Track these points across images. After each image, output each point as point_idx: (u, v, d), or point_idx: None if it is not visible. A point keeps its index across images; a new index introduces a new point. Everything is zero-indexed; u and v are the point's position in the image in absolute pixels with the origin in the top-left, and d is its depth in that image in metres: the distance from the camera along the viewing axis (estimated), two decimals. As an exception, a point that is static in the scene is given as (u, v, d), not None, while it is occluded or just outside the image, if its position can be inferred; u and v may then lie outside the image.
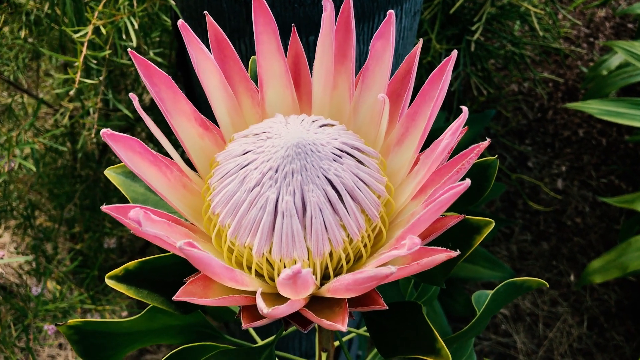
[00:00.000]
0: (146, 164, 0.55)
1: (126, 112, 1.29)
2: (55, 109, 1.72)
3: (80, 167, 1.99)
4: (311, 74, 0.63)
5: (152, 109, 1.83)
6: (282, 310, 0.48)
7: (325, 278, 0.57)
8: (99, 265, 1.83)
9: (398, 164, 0.60)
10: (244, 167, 0.55)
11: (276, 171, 0.53)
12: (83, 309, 1.66)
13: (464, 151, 0.53)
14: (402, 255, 0.46)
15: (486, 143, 0.51)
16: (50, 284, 1.75)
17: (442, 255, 0.48)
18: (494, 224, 0.59)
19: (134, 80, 1.78)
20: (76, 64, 1.17)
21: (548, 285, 0.73)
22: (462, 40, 2.44)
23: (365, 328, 0.89)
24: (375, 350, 1.00)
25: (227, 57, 0.61)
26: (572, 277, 2.87)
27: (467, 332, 0.74)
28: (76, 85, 1.13)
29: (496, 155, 0.76)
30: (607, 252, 2.31)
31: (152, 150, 0.56)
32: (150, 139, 1.97)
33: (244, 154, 0.56)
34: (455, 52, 0.52)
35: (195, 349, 0.69)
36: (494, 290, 0.73)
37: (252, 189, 0.53)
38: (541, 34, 2.55)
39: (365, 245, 0.56)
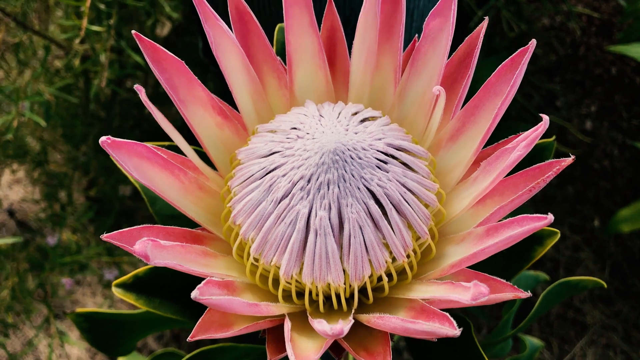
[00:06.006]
0: (156, 169, 0.47)
1: (137, 59, 1.19)
2: (66, 49, 1.61)
3: (94, 108, 1.90)
4: (349, 51, 0.53)
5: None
6: (316, 356, 0.41)
7: (362, 292, 0.50)
8: (115, 213, 1.78)
9: (451, 163, 0.51)
10: (270, 172, 0.46)
11: (309, 181, 0.44)
12: (100, 261, 1.63)
13: (539, 165, 0.43)
14: (462, 301, 0.38)
15: (570, 160, 0.42)
16: (65, 234, 1.71)
17: (508, 294, 0.40)
18: (559, 235, 0.50)
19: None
20: (82, 8, 1.06)
21: (605, 285, 0.65)
22: (496, -28, 2.27)
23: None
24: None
25: (250, 32, 0.51)
26: (596, 222, 2.79)
27: (512, 334, 0.67)
28: (82, 33, 1.03)
29: (553, 137, 0.67)
30: (637, 201, 2.22)
31: (162, 153, 0.47)
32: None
33: (270, 154, 0.47)
34: (533, 42, 0.42)
35: (213, 352, 0.62)
36: (546, 291, 0.65)
37: (280, 201, 0.45)
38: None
39: (410, 263, 0.48)
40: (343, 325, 0.38)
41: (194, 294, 0.38)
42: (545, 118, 0.39)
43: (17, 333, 1.99)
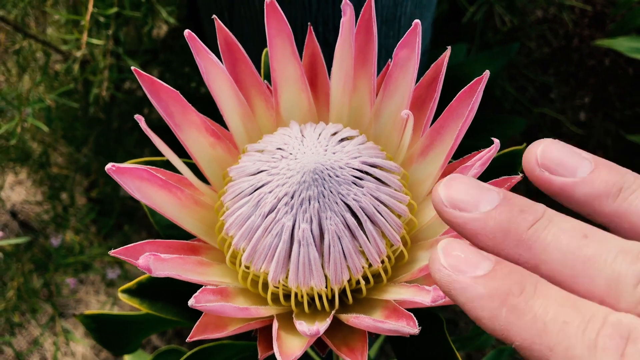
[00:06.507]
0: (155, 189, 0.52)
1: (135, 65, 1.24)
2: (65, 54, 1.66)
3: (94, 111, 1.96)
4: (329, 75, 0.59)
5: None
6: (300, 353, 0.46)
7: (344, 294, 0.55)
8: (117, 213, 1.84)
9: (422, 175, 0.57)
10: (258, 188, 0.52)
11: (292, 197, 0.50)
12: (103, 261, 1.68)
13: (495, 180, 0.49)
14: (424, 302, 0.44)
15: (518, 178, 0.47)
16: (69, 235, 1.77)
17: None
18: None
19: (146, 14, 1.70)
20: (82, 22, 1.11)
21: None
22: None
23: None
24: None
25: (238, 60, 0.57)
26: (590, 213, 2.83)
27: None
28: (83, 47, 1.08)
29: (524, 144, 0.72)
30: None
31: (160, 174, 0.53)
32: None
33: (258, 173, 0.52)
34: (487, 72, 0.48)
35: (212, 349, 0.68)
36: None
37: (267, 215, 0.51)
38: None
39: (384, 268, 0.53)
40: (319, 326, 0.44)
41: (191, 302, 0.43)
42: (496, 141, 0.45)
43: (23, 332, 2.06)
